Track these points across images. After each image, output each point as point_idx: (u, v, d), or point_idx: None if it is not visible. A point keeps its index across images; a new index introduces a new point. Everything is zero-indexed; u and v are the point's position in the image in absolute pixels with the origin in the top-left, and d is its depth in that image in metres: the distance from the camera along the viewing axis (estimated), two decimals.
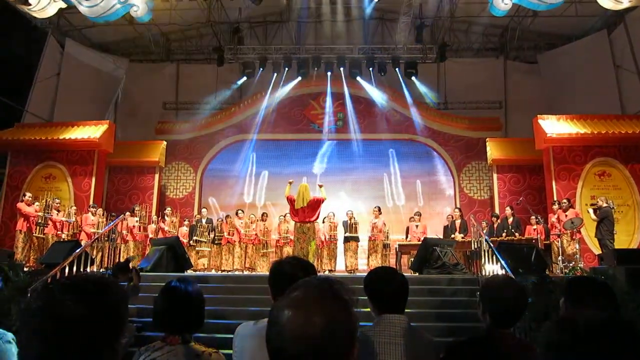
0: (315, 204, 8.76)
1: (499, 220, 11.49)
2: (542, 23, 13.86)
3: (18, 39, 12.41)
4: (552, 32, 14.61)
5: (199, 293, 2.19)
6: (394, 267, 10.78)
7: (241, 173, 14.59)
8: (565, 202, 10.55)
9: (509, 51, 15.37)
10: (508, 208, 11.40)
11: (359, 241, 11.57)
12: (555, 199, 11.21)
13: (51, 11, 11.07)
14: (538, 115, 12.28)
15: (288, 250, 11.25)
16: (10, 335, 2.08)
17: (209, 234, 11.80)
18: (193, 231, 11.95)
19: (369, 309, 2.25)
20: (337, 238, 11.60)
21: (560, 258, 9.60)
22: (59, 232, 10.56)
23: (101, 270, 7.96)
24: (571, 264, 8.98)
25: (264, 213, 12.50)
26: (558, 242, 10.02)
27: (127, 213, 11.55)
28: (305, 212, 8.68)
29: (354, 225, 11.55)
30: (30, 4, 10.87)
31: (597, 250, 10.26)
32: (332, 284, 0.96)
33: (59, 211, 10.85)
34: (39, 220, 10.28)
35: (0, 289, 6.70)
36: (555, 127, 11.97)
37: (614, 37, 13.35)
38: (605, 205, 9.82)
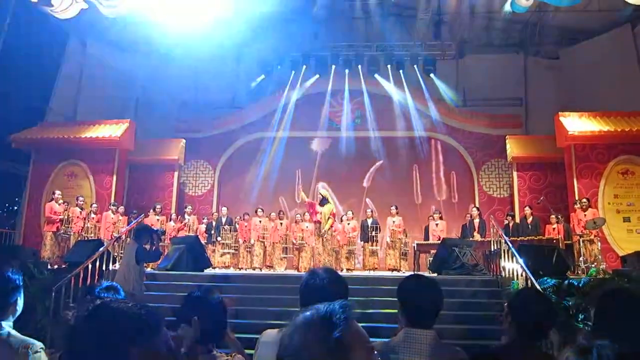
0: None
1: (513, 220, 11.39)
2: (564, 18, 13.56)
3: (41, 39, 12.62)
4: (574, 27, 14.27)
5: (221, 304, 2.22)
6: (414, 267, 10.80)
7: (259, 170, 14.63)
8: (584, 202, 10.37)
9: (530, 47, 15.06)
10: (527, 208, 11.25)
11: (377, 240, 11.54)
12: (577, 197, 11.04)
13: (73, 12, 11.21)
14: (559, 112, 12.10)
15: (306, 253, 11.46)
16: (39, 345, 2.07)
17: (231, 234, 11.86)
18: (210, 229, 12.05)
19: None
20: (355, 237, 11.60)
21: (581, 259, 9.45)
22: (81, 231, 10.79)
23: None
24: (593, 265, 8.85)
25: (280, 211, 12.52)
26: (580, 242, 9.87)
27: (151, 211, 11.75)
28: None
29: (373, 225, 11.52)
30: (52, 5, 11.03)
31: (620, 251, 10.10)
32: (336, 327, 0.96)
33: (82, 209, 11.05)
34: (61, 232, 10.50)
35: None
36: (577, 124, 11.77)
37: (638, 32, 13.04)
38: None
